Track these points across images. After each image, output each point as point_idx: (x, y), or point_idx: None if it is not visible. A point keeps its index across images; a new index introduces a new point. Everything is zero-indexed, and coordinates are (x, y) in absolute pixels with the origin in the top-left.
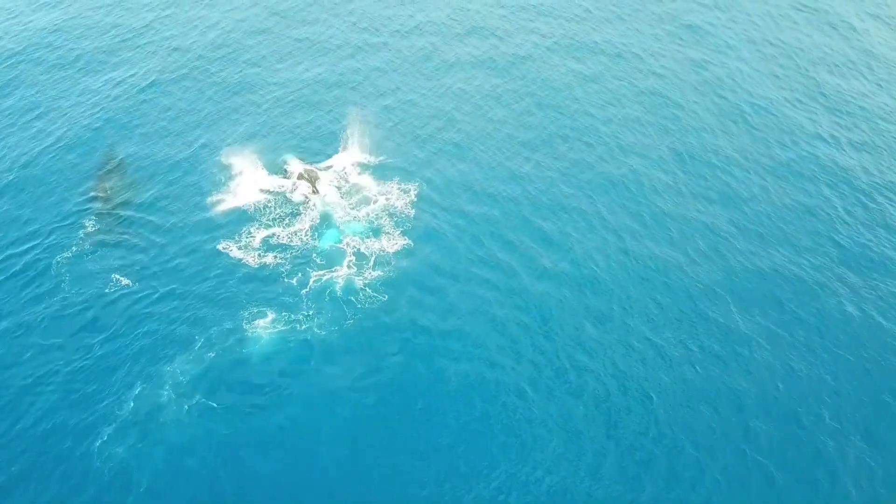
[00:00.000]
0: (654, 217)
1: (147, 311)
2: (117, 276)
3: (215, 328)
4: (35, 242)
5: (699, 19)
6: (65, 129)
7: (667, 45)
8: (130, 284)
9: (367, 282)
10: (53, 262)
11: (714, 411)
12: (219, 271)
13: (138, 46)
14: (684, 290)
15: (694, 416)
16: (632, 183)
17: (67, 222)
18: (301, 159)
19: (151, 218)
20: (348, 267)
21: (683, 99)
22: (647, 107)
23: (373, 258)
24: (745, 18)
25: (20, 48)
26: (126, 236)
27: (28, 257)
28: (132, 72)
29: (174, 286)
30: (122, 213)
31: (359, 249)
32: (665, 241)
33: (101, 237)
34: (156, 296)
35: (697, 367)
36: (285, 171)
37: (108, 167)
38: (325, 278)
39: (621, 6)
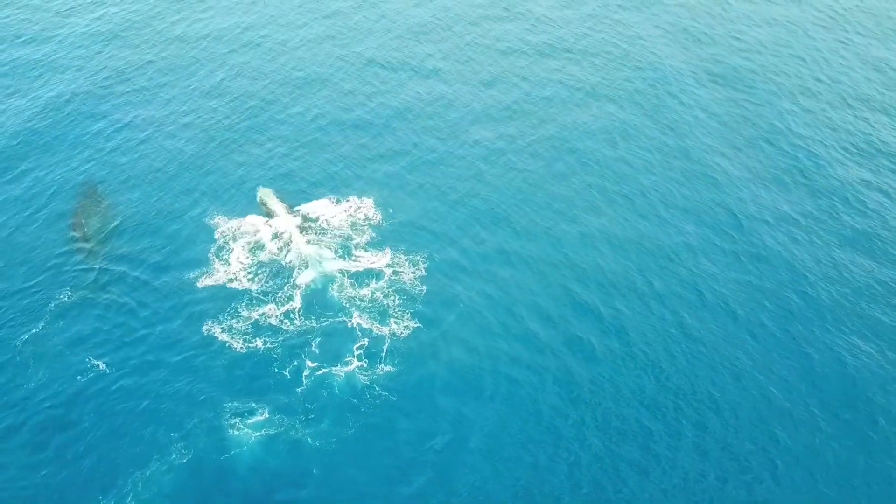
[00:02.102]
0: (713, 291)
1: (120, 406)
2: (91, 359)
3: (195, 427)
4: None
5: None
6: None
7: (713, 92)
8: (104, 369)
9: (373, 377)
10: (18, 337)
11: None
12: (202, 357)
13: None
14: (753, 383)
15: None
16: (683, 249)
17: (39, 279)
18: (280, 198)
19: (131, 273)
20: (351, 356)
21: (734, 152)
22: (694, 159)
23: (381, 345)
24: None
25: None
26: (103, 298)
27: None
28: (118, 112)
29: (151, 372)
30: (98, 262)
31: (362, 334)
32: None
33: (75, 299)
34: (130, 383)
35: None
36: (264, 206)
37: (86, 202)
38: (322, 371)
39: (655, 51)
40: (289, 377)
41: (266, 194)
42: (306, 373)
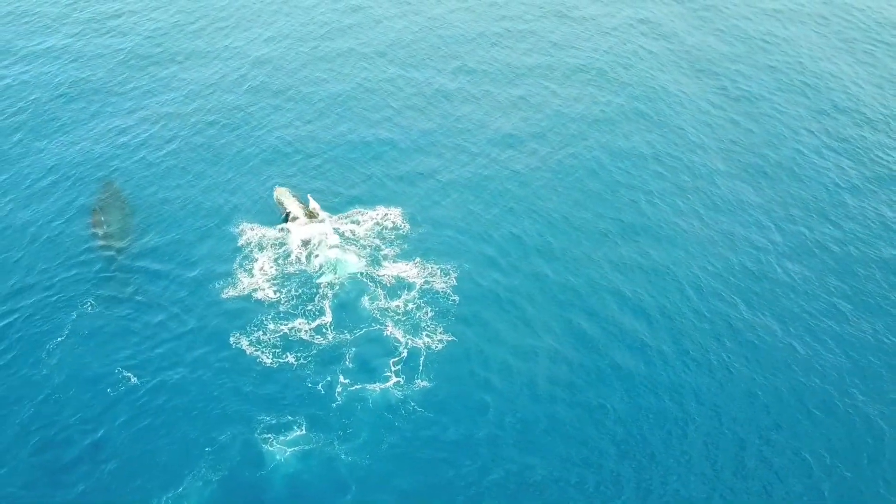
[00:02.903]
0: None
1: (151, 420)
2: (121, 370)
3: (228, 442)
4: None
5: None
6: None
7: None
8: (134, 382)
9: (409, 392)
10: (44, 348)
11: None
12: (231, 371)
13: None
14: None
15: None
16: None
17: (61, 283)
18: (297, 197)
19: (155, 282)
20: (385, 370)
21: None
22: (751, 180)
23: (415, 360)
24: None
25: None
26: (128, 307)
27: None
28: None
29: (180, 385)
30: (120, 267)
31: (396, 347)
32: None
33: (99, 307)
34: (160, 397)
35: None
36: (281, 205)
37: (106, 199)
38: (357, 386)
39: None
40: (322, 392)
41: (283, 193)
42: (340, 387)
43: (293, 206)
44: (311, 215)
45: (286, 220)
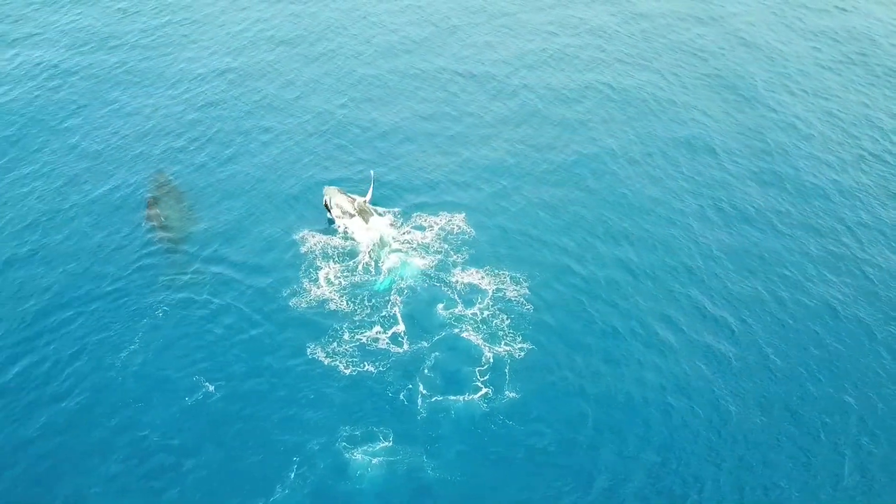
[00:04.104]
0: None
1: (233, 428)
2: (198, 378)
3: (313, 454)
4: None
5: None
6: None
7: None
8: (212, 390)
9: (495, 404)
10: (117, 355)
11: None
12: (309, 381)
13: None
14: None
15: None
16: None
17: (125, 285)
18: (350, 195)
19: (220, 290)
20: (468, 381)
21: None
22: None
23: (498, 370)
24: None
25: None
26: (195, 312)
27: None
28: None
29: (259, 395)
30: (181, 272)
31: (475, 357)
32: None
33: (166, 312)
34: (240, 406)
35: None
36: (338, 207)
37: (160, 191)
38: (440, 397)
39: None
40: (405, 402)
41: (332, 192)
42: (423, 398)
43: (343, 203)
44: (362, 213)
45: (338, 215)
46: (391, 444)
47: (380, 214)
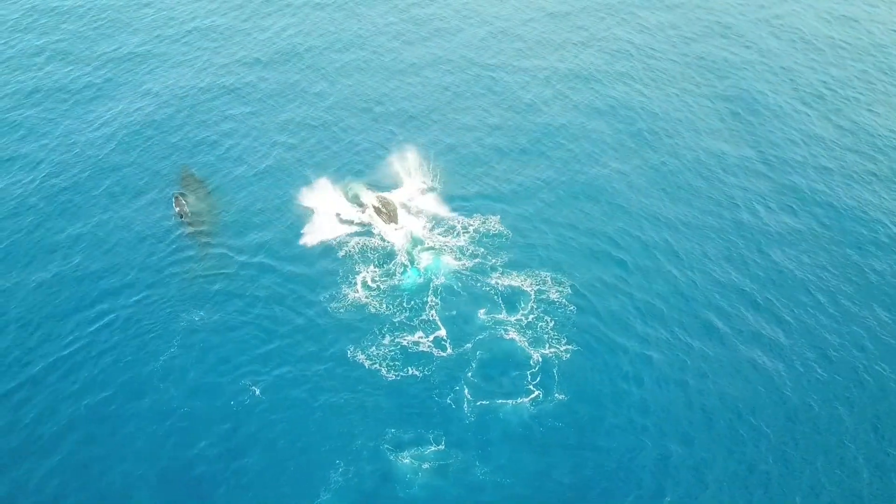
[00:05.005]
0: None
1: (279, 430)
2: (244, 382)
3: (360, 457)
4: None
5: None
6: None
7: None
8: (258, 394)
9: (543, 407)
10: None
11: None
12: (353, 385)
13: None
14: None
15: None
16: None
17: (159, 285)
18: (371, 189)
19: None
20: (513, 384)
21: None
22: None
23: (544, 373)
24: None
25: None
26: (233, 316)
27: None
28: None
29: (304, 398)
30: (214, 270)
31: (521, 360)
32: None
33: (203, 316)
34: (285, 410)
35: None
36: (368, 205)
37: (185, 185)
38: (487, 400)
39: None
40: (452, 406)
41: (357, 185)
42: (469, 402)
43: (369, 199)
44: (388, 209)
45: (359, 206)
46: (442, 447)
47: (411, 214)
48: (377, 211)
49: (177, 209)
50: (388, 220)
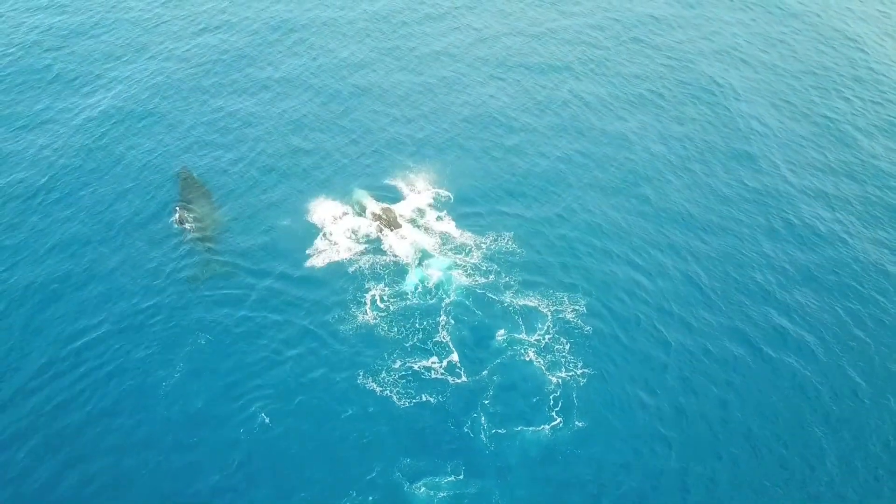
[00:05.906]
0: None
1: (292, 459)
2: (252, 409)
3: (375, 487)
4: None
5: None
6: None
7: None
8: (267, 422)
9: (561, 434)
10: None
11: None
12: (364, 412)
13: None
14: None
15: None
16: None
17: (160, 301)
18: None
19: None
20: (530, 410)
21: None
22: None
23: (562, 399)
24: None
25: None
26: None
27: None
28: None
29: (314, 426)
30: (218, 284)
31: (537, 385)
32: None
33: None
34: (296, 440)
35: None
36: (374, 213)
37: (188, 192)
38: (503, 429)
39: None
40: (470, 434)
41: (363, 196)
42: (486, 430)
43: (372, 207)
44: (388, 213)
45: (360, 213)
46: (460, 477)
47: (420, 229)
48: (376, 217)
49: (176, 216)
50: (388, 226)
